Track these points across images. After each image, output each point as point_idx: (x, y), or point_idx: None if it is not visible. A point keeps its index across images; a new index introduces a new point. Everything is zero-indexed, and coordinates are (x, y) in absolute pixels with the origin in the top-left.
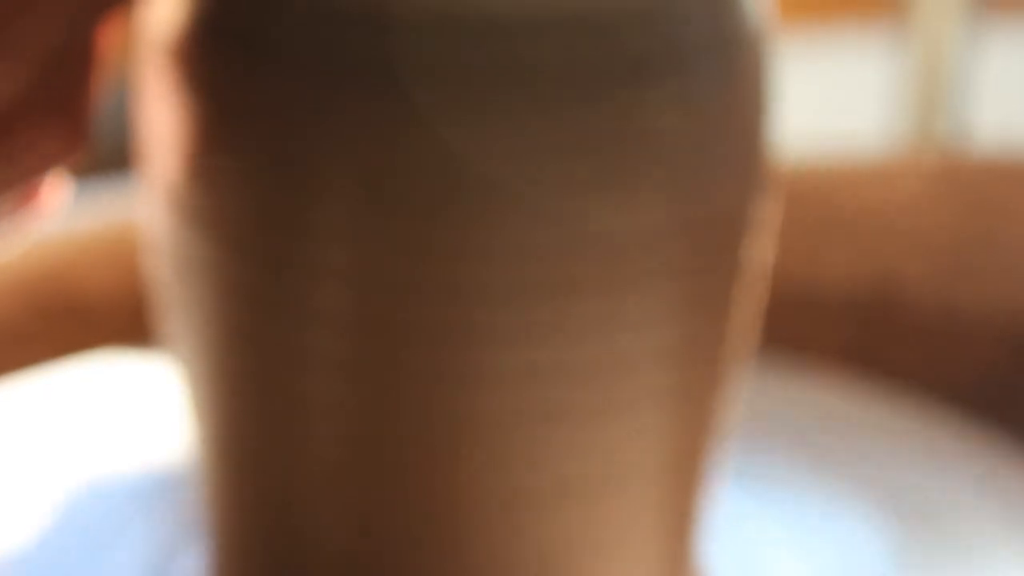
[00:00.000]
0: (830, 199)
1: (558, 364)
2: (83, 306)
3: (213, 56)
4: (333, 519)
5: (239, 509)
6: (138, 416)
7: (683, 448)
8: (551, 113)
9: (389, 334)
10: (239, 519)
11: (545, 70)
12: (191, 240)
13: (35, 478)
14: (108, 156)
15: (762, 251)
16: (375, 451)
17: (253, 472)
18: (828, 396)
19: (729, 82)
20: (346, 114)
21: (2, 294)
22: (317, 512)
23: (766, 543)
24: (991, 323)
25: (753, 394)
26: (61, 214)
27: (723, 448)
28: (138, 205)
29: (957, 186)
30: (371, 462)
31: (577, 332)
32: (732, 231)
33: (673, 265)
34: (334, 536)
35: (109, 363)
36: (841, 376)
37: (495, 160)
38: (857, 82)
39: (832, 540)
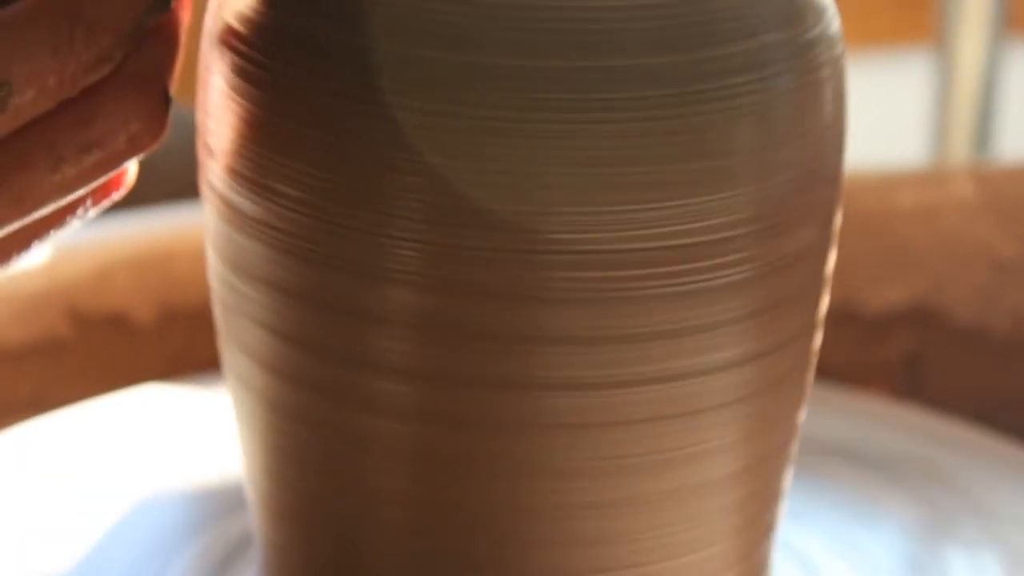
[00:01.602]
0: (868, 214)
1: (631, 375)
2: (121, 314)
3: (271, 53)
4: (391, 553)
5: (293, 538)
6: (186, 444)
7: (755, 462)
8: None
9: (451, 379)
10: (293, 547)
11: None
12: (246, 246)
13: (85, 504)
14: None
15: (830, 260)
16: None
17: (311, 502)
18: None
19: (803, 82)
20: (409, 118)
21: (40, 300)
22: (375, 545)
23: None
24: None
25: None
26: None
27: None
28: (188, 213)
29: (997, 202)
30: (432, 505)
31: (651, 340)
32: (807, 236)
33: (753, 271)
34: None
35: (158, 393)
36: (884, 395)
37: (569, 163)
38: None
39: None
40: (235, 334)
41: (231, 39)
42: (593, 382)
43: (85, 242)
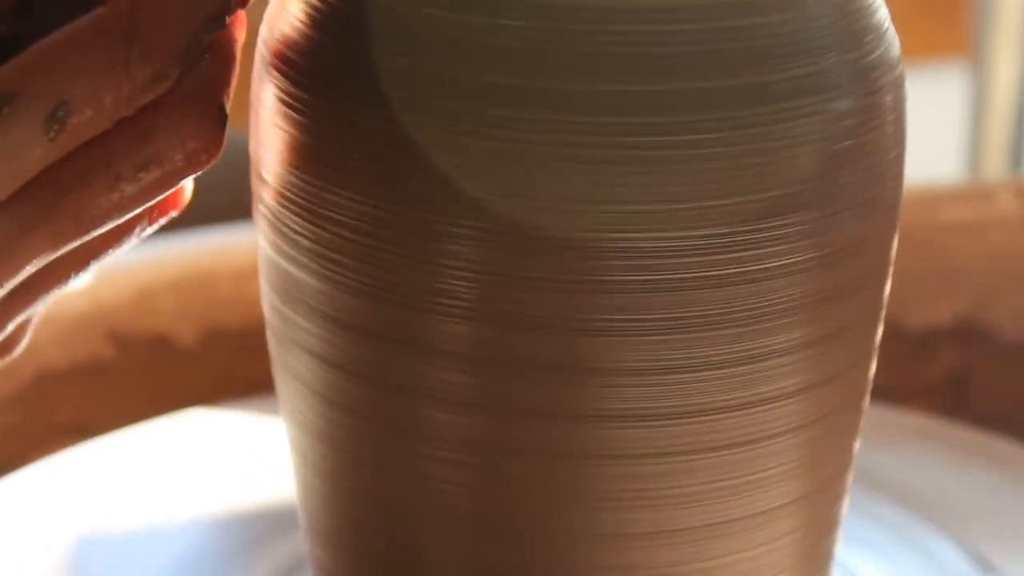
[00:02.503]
0: (912, 230)
1: (688, 406)
2: (163, 336)
3: (321, 79)
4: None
5: (345, 564)
6: (232, 468)
7: (812, 491)
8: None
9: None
10: (345, 573)
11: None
12: (296, 275)
13: (132, 528)
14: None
15: (886, 287)
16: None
17: (363, 529)
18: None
19: (863, 105)
20: (463, 145)
21: (83, 323)
22: (428, 572)
23: None
24: None
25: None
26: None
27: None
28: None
29: None
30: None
31: (709, 370)
32: (866, 264)
33: (811, 299)
34: None
35: (202, 416)
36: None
37: (627, 190)
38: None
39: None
40: (287, 362)
41: (280, 64)
42: (649, 413)
43: (126, 265)
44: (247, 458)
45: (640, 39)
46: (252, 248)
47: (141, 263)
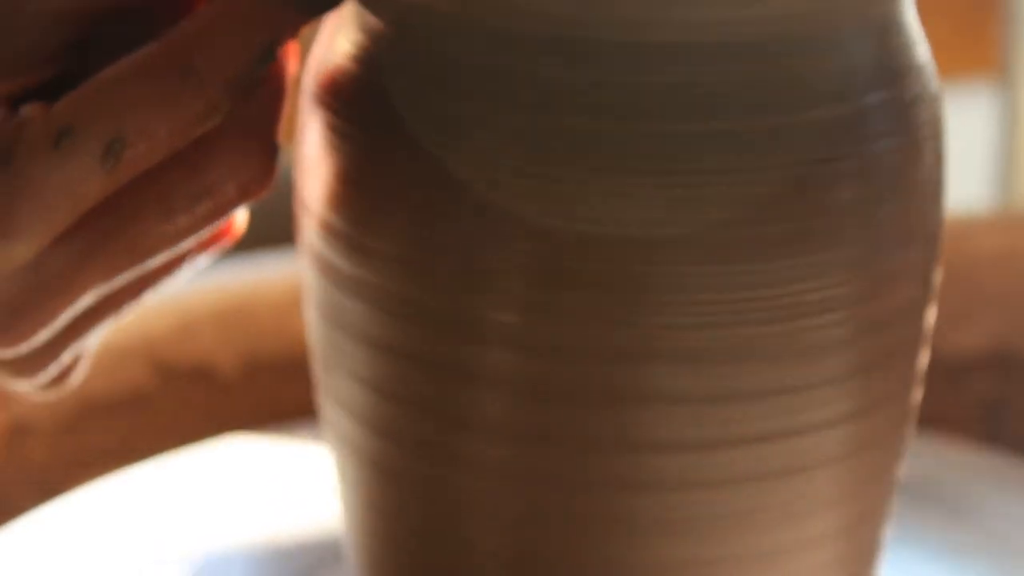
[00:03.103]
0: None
1: (732, 435)
2: (205, 365)
3: (366, 110)
4: None
5: None
6: (274, 496)
7: (858, 512)
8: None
9: (550, 439)
10: None
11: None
12: (343, 302)
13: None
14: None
15: (930, 317)
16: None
17: (408, 558)
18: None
19: (904, 142)
20: (510, 181)
21: (126, 353)
22: None
23: None
24: None
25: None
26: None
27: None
28: (269, 263)
29: None
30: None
31: (753, 399)
32: (909, 293)
33: (854, 330)
34: None
35: (244, 444)
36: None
37: (673, 226)
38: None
39: None
40: (333, 389)
41: (326, 96)
42: (694, 442)
43: (168, 294)
44: (288, 486)
45: (680, 79)
46: (291, 278)
47: (182, 293)
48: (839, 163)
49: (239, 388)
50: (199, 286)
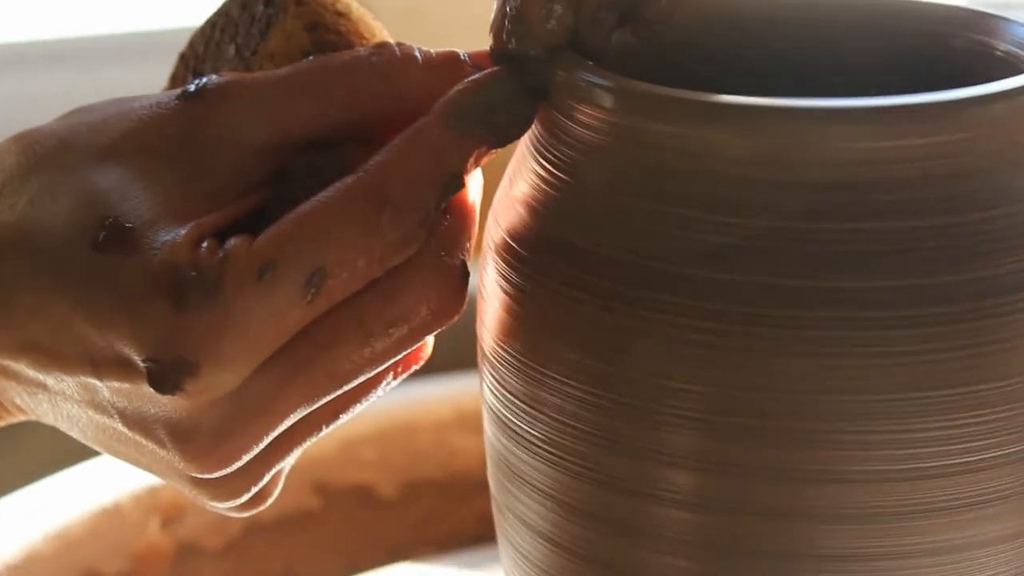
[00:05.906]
0: None
1: (905, 548)
2: (366, 487)
3: (539, 268)
4: None
5: None
6: None
7: None
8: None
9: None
10: None
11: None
12: (516, 452)
13: None
14: None
15: None
16: None
17: None
18: None
19: None
20: (683, 336)
21: (289, 475)
22: None
23: None
24: None
25: None
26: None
27: None
28: (427, 387)
29: None
30: None
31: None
32: None
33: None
34: None
35: (409, 571)
36: None
37: (849, 383)
38: None
39: None
40: (509, 534)
41: (502, 251)
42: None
43: None
44: None
45: (870, 237)
46: (451, 400)
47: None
48: (1013, 319)
49: (398, 509)
50: (359, 409)
